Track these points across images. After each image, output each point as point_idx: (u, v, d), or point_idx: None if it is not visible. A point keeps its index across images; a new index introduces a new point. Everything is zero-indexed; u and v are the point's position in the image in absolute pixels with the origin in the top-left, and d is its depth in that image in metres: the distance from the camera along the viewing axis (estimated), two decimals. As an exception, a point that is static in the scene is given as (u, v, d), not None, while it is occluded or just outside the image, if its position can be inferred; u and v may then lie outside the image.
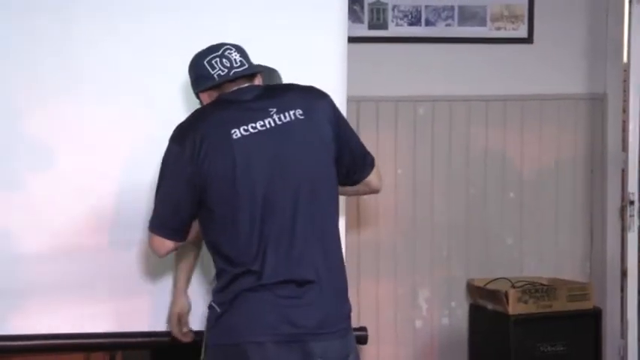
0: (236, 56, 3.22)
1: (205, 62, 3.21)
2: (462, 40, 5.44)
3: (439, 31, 5.43)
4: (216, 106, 3.19)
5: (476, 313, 5.45)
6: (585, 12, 5.60)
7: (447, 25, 5.43)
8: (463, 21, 5.44)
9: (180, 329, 3.66)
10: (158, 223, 3.21)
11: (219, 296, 3.14)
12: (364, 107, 5.35)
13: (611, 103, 5.60)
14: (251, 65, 3.24)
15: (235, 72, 3.20)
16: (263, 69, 3.38)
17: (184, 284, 3.69)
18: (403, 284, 5.47)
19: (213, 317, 3.15)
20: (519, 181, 5.59)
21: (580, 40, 5.60)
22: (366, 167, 3.35)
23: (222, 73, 3.19)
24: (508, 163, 5.57)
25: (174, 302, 3.69)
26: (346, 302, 3.22)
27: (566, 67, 5.58)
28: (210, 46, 3.25)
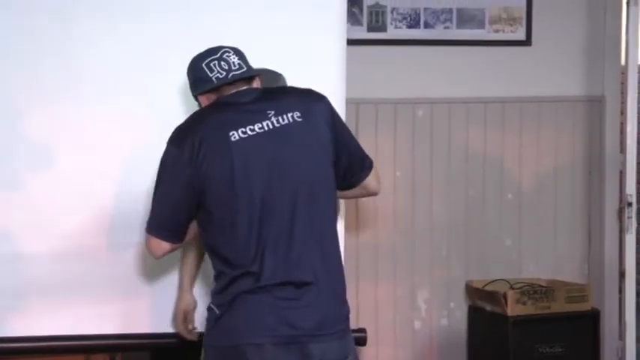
0: (234, 59, 3.20)
1: (204, 65, 3.20)
2: (460, 42, 5.45)
3: (438, 33, 5.43)
4: (215, 108, 3.17)
5: (474, 315, 5.45)
6: (583, 14, 5.61)
7: (446, 27, 5.43)
8: (462, 23, 5.45)
9: (185, 327, 3.66)
10: (155, 224, 3.19)
11: (218, 298, 3.13)
12: (363, 109, 5.35)
13: (609, 105, 5.63)
14: (249, 68, 3.23)
15: (234, 75, 3.19)
16: (262, 72, 3.37)
17: (190, 282, 3.68)
18: (402, 286, 5.47)
19: (212, 319, 3.14)
20: (518, 183, 5.59)
21: (578, 42, 5.61)
22: (365, 170, 3.33)
23: (220, 76, 3.17)
24: (507, 165, 5.57)
25: (179, 299, 3.68)
26: (344, 304, 3.21)
27: (564, 70, 5.59)
28: (208, 48, 3.24)
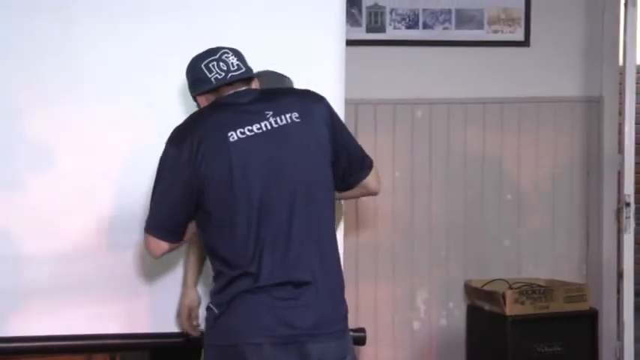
0: (233, 60, 3.19)
1: (203, 66, 3.18)
2: (459, 43, 5.45)
3: (437, 34, 5.43)
4: (214, 109, 3.16)
5: (473, 314, 5.44)
6: (581, 15, 5.60)
7: (445, 28, 5.43)
8: (460, 24, 5.44)
9: (190, 323, 3.65)
10: (154, 224, 3.18)
11: (217, 298, 3.12)
12: (362, 110, 5.35)
13: (607, 106, 5.63)
14: (248, 69, 3.22)
15: (232, 75, 3.17)
16: (268, 74, 3.39)
17: (194, 279, 3.67)
18: (401, 286, 5.47)
19: (211, 318, 3.13)
20: (517, 183, 5.59)
21: (576, 43, 5.61)
22: (364, 169, 3.31)
23: (219, 77, 3.16)
24: (505, 165, 5.57)
25: (184, 296, 3.67)
26: (343, 304, 3.19)
27: (562, 70, 5.59)
28: (207, 49, 3.23)
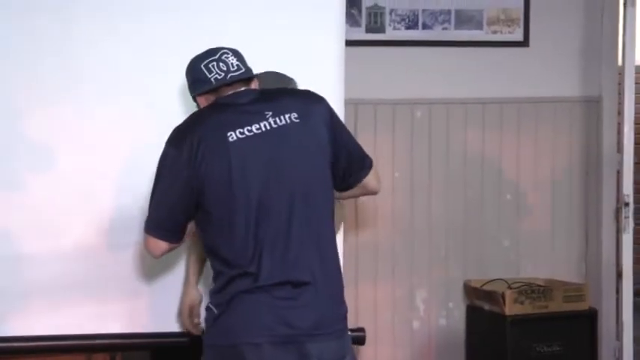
0: (233, 60, 3.18)
1: (202, 66, 3.17)
2: (458, 43, 5.45)
3: (436, 34, 5.43)
4: (213, 109, 3.15)
5: (473, 314, 5.44)
6: (580, 16, 5.60)
7: (444, 28, 5.42)
8: (460, 24, 5.44)
9: (191, 321, 3.64)
10: (153, 224, 3.17)
11: (217, 297, 3.11)
12: (362, 110, 5.35)
13: (606, 106, 5.63)
14: (248, 69, 3.21)
15: (232, 76, 3.16)
16: (274, 75, 3.40)
17: (196, 277, 3.67)
18: (401, 285, 5.46)
19: (210, 318, 3.12)
20: (516, 183, 5.58)
21: (575, 43, 5.60)
22: (364, 169, 3.29)
23: (218, 77, 3.15)
24: (505, 165, 5.56)
25: (185, 294, 3.67)
26: (342, 304, 3.18)
27: (561, 70, 5.59)
28: (207, 50, 3.21)
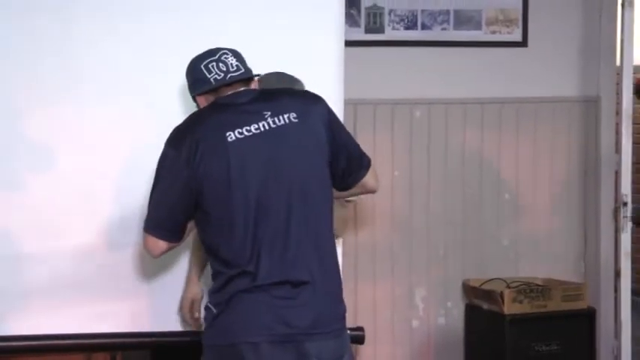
0: (232, 61, 3.17)
1: (202, 66, 3.16)
2: (457, 43, 5.44)
3: (435, 34, 5.42)
4: (213, 109, 3.14)
5: (471, 313, 5.43)
6: (579, 16, 5.59)
7: (443, 28, 5.42)
8: (459, 25, 5.43)
9: (191, 315, 3.66)
10: (153, 224, 3.15)
11: (216, 297, 3.09)
12: (361, 110, 5.34)
13: (605, 106, 5.62)
14: (247, 70, 3.20)
15: (231, 76, 3.15)
16: (280, 76, 3.42)
17: (198, 272, 3.69)
18: (400, 285, 5.45)
19: (209, 318, 3.11)
20: (514, 183, 5.57)
21: (574, 43, 5.59)
22: (363, 168, 3.28)
23: (218, 77, 3.14)
24: (503, 165, 5.56)
25: (187, 288, 3.69)
26: (341, 303, 3.17)
27: (560, 70, 5.58)
28: (207, 50, 3.20)
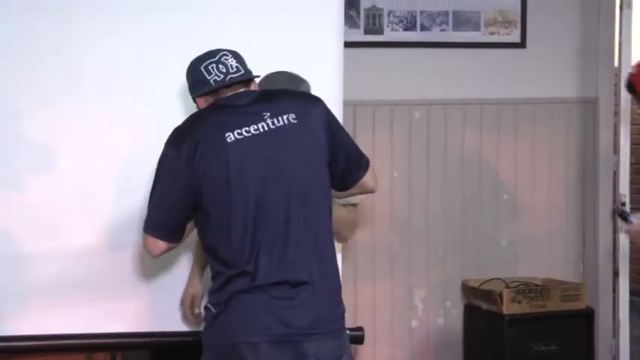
0: (232, 62, 3.15)
1: (202, 68, 3.15)
2: (456, 44, 5.43)
3: (434, 36, 5.41)
4: (212, 110, 3.14)
5: (470, 313, 5.42)
6: (577, 17, 5.59)
7: (442, 30, 5.41)
8: (457, 26, 5.43)
9: (192, 311, 3.67)
10: (152, 224, 3.14)
11: (215, 297, 3.08)
12: (360, 111, 5.33)
13: (603, 107, 5.61)
14: (247, 71, 3.18)
15: (231, 77, 3.14)
16: (285, 76, 3.43)
17: (200, 270, 3.69)
18: (399, 285, 5.44)
19: (209, 318, 3.10)
20: (513, 183, 5.56)
21: (572, 44, 5.59)
22: (361, 169, 3.28)
23: (218, 79, 3.13)
24: (502, 166, 5.55)
25: (189, 284, 3.69)
26: (340, 303, 3.16)
27: (558, 72, 5.58)
28: (207, 51, 3.19)
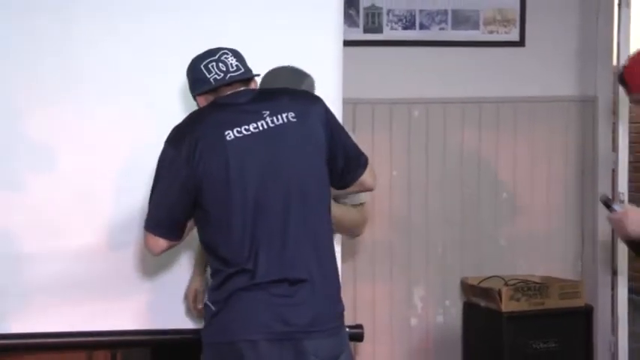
0: (232, 61, 3.15)
1: (202, 66, 3.15)
2: (455, 43, 5.41)
3: (433, 34, 5.40)
4: (212, 108, 3.13)
5: (470, 311, 5.40)
6: (576, 16, 5.57)
7: (441, 28, 5.39)
8: (456, 25, 5.41)
9: (195, 305, 3.72)
10: (153, 223, 3.14)
11: (214, 295, 3.08)
12: (360, 109, 5.31)
13: (602, 105, 5.59)
14: (247, 70, 3.18)
15: (231, 76, 3.13)
16: (290, 71, 3.44)
17: (202, 266, 3.73)
18: (398, 283, 5.43)
19: (208, 316, 3.10)
20: (512, 182, 5.54)
21: (571, 43, 5.57)
22: (360, 167, 3.28)
23: (217, 77, 3.13)
24: (501, 164, 5.53)
25: (192, 280, 3.75)
26: (339, 302, 3.16)
27: (557, 70, 5.56)
28: (207, 50, 3.19)
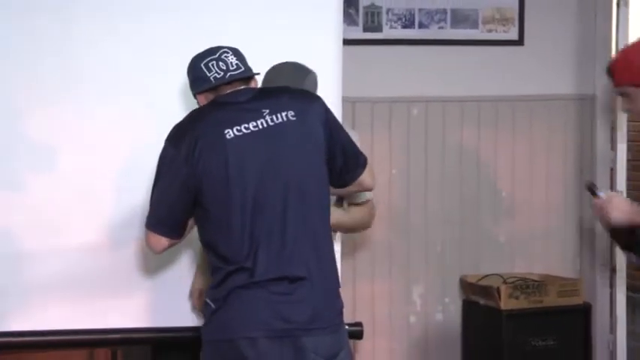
0: (232, 59, 3.15)
1: (202, 65, 3.15)
2: (454, 42, 5.41)
3: (432, 33, 5.39)
4: (212, 107, 3.13)
5: (469, 309, 5.40)
6: (574, 14, 5.56)
7: (440, 27, 5.39)
8: (455, 23, 5.41)
9: (199, 304, 3.67)
10: (154, 221, 3.15)
11: (214, 293, 3.09)
12: (359, 108, 5.31)
13: (600, 104, 5.58)
14: (247, 68, 3.18)
15: (231, 75, 3.13)
16: (293, 67, 3.44)
17: (206, 264, 3.68)
18: (398, 281, 5.42)
19: (208, 313, 3.10)
20: (511, 180, 5.54)
21: (569, 41, 5.57)
22: (359, 167, 3.28)
23: (218, 76, 3.13)
24: (500, 162, 5.52)
25: (195, 279, 3.75)
26: (338, 299, 3.16)
27: (556, 69, 5.55)
28: (208, 49, 3.18)
